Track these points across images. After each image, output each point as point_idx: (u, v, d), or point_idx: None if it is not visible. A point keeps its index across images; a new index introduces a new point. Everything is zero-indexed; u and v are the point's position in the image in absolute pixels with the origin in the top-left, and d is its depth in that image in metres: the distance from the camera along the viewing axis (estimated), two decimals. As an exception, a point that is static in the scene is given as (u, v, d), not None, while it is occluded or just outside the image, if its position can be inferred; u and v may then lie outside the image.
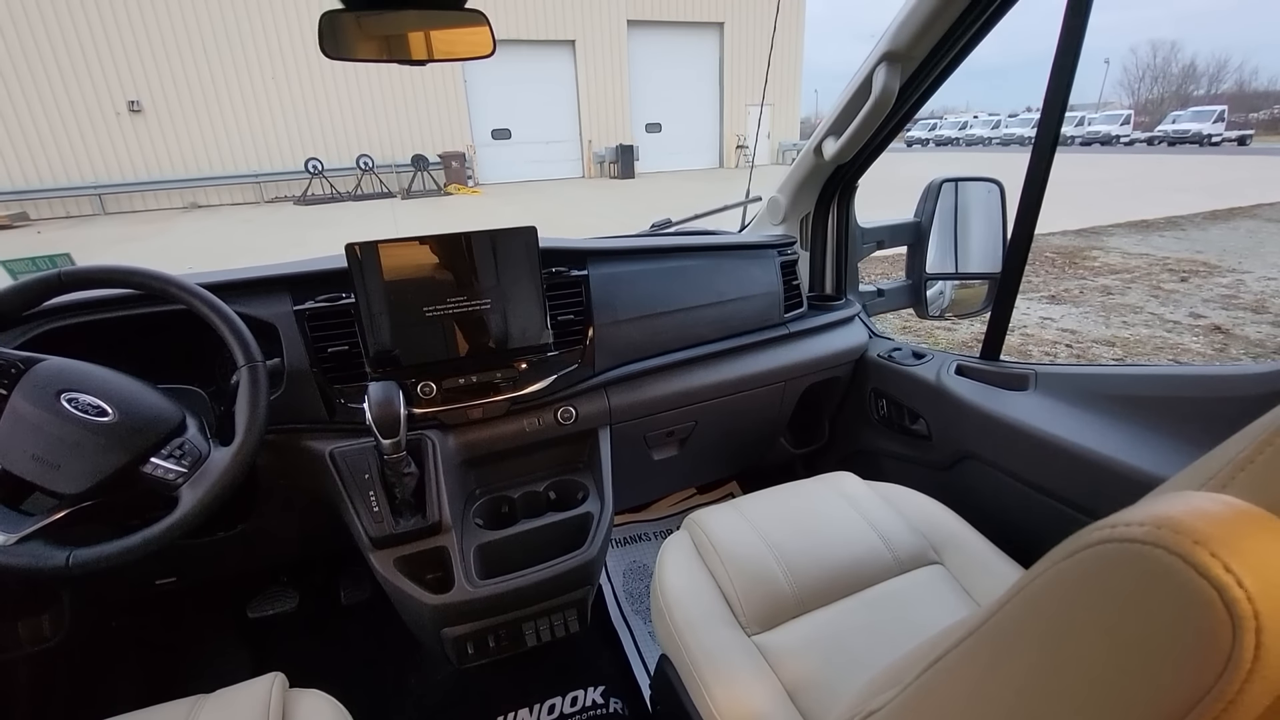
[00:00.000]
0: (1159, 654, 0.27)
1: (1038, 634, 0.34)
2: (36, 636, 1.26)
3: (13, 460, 0.80)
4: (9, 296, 0.87)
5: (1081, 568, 0.31)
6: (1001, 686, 0.36)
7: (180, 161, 14.43)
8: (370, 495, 1.06)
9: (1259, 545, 0.26)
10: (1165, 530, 0.27)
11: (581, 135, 18.22)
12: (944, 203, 1.75)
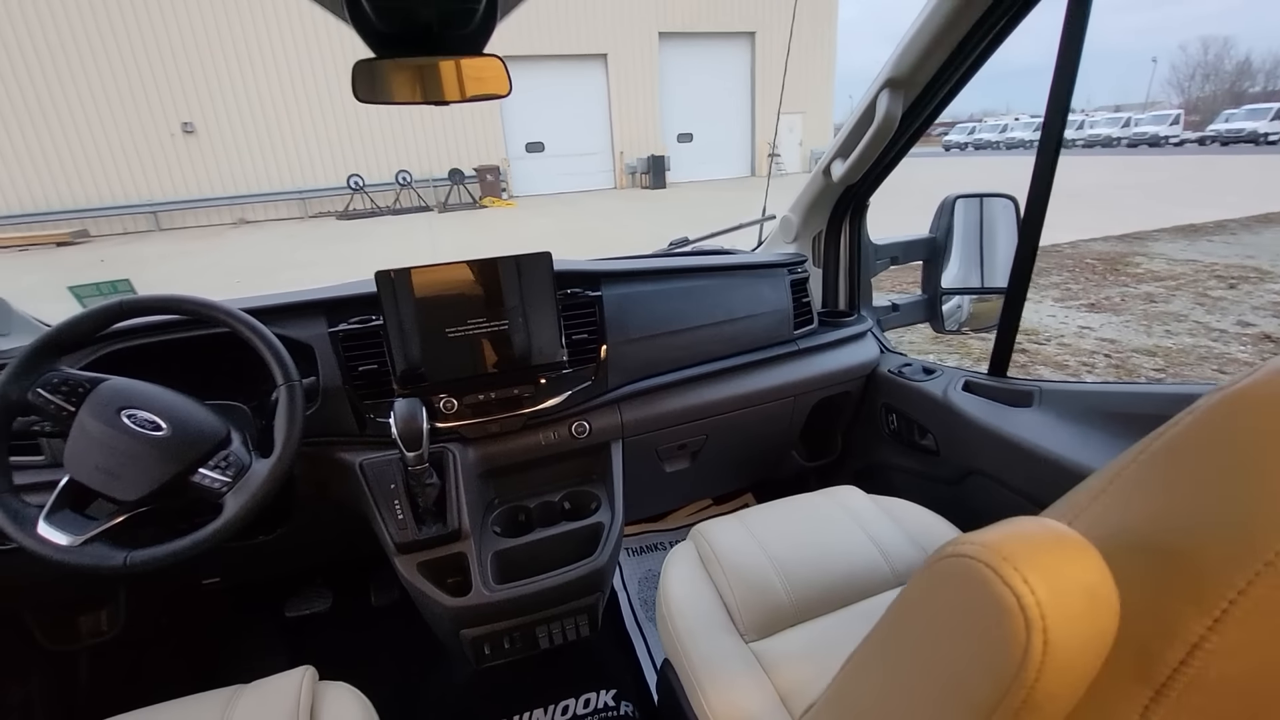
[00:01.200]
0: (979, 649, 0.32)
1: (909, 633, 0.39)
2: (95, 630, 1.37)
3: (80, 470, 0.90)
4: (79, 323, 0.98)
5: (934, 579, 0.36)
6: (887, 677, 0.42)
7: (229, 179, 15.11)
8: (395, 503, 1.14)
9: (1053, 561, 0.30)
10: (986, 548, 0.32)
11: (613, 147, 18.44)
12: (958, 218, 1.77)
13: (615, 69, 17.52)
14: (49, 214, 13.75)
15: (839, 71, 20.35)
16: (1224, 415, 0.34)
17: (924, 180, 9.55)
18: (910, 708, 0.39)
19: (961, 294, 1.82)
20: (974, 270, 1.75)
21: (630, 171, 18.44)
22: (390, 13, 0.98)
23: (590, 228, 11.22)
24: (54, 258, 11.51)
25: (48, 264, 10.62)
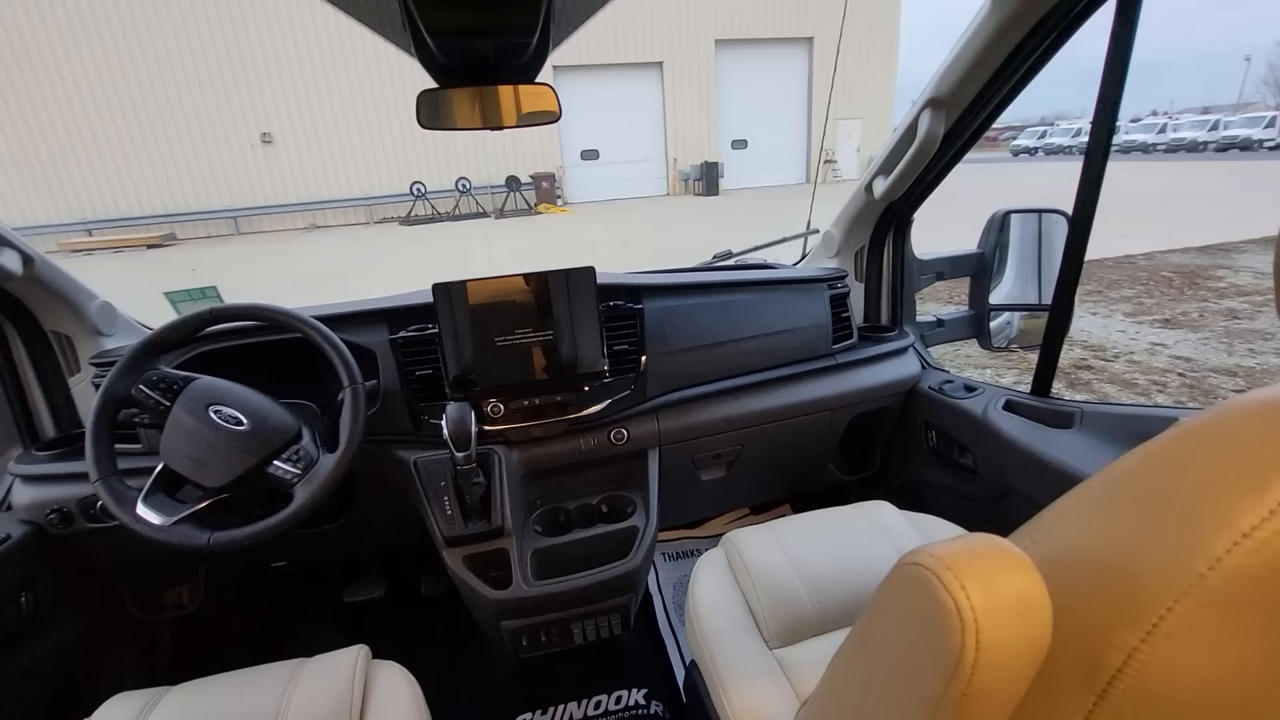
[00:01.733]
0: (927, 645, 0.36)
1: (878, 631, 0.44)
2: (178, 604, 1.52)
3: (173, 458, 1.01)
4: (175, 328, 1.10)
5: (896, 584, 0.40)
6: (862, 669, 0.46)
7: (303, 186, 15.97)
8: (445, 500, 1.22)
9: (990, 573, 0.34)
10: (936, 559, 0.36)
11: (667, 154, 18.55)
12: (1012, 234, 1.75)
13: (671, 77, 17.64)
14: (141, 218, 14.87)
15: (901, 75, 19.87)
16: (1171, 448, 0.37)
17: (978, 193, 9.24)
18: (879, 696, 0.43)
19: (1010, 310, 1.80)
20: (1026, 286, 1.72)
21: (684, 179, 18.50)
22: (452, 48, 1.06)
23: (641, 234, 11.33)
24: (145, 259, 12.44)
25: (140, 265, 11.48)
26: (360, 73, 15.36)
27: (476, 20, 1.00)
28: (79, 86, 14.04)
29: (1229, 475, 0.33)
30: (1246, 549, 0.30)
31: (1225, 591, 0.30)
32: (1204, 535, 0.31)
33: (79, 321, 1.32)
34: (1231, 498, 0.31)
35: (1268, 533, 0.30)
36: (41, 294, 1.25)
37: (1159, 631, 0.32)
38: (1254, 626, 0.32)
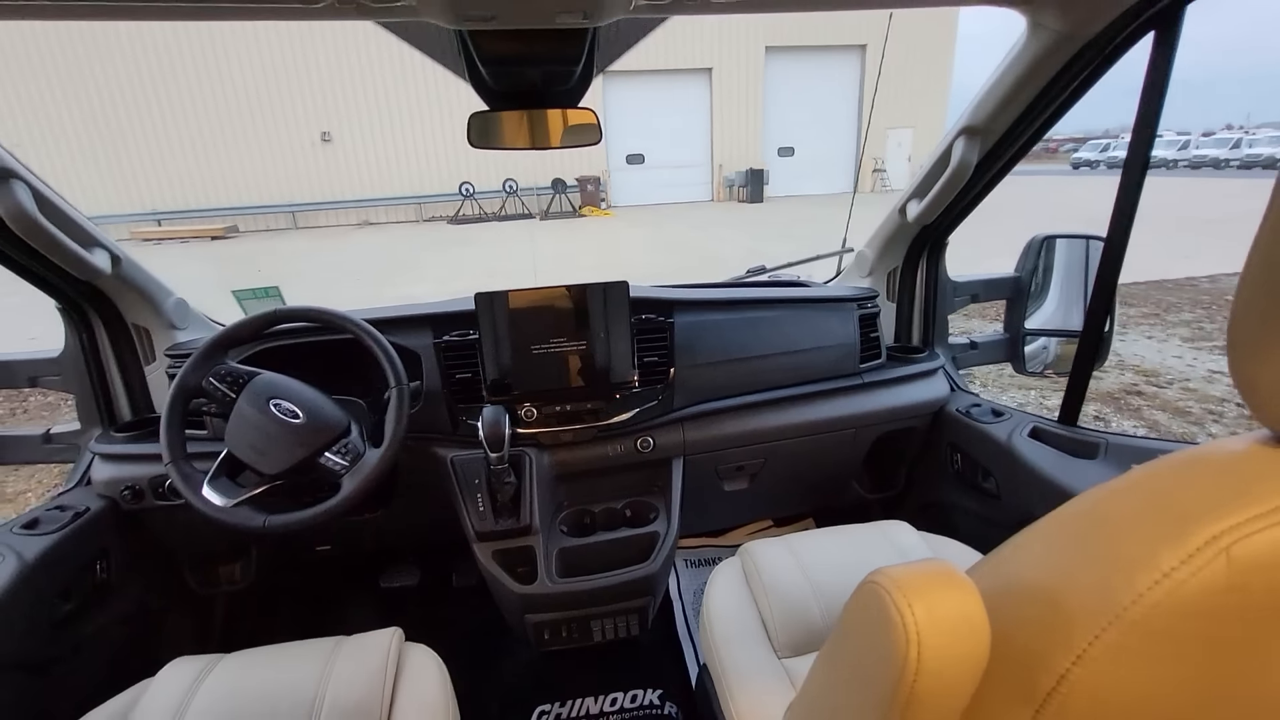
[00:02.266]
0: (879, 654, 0.40)
1: (844, 640, 0.49)
2: (231, 579, 1.63)
3: (236, 446, 1.11)
4: (242, 327, 1.20)
5: (858, 599, 0.44)
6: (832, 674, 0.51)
7: (357, 184, 16.55)
8: (478, 496, 1.30)
9: (935, 594, 0.38)
10: (889, 579, 0.40)
11: (712, 159, 18.55)
12: (1047, 259, 1.74)
13: (719, 82, 17.65)
14: (208, 210, 15.65)
15: (956, 85, 19.42)
16: (1114, 493, 0.41)
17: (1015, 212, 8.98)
18: (844, 698, 0.48)
19: (1046, 335, 1.78)
20: (1070, 312, 1.71)
21: (728, 185, 18.47)
22: (502, 75, 1.14)
23: (683, 240, 11.37)
24: (210, 250, 13.09)
25: (205, 256, 12.08)
26: (415, 77, 15.84)
27: (525, 51, 1.07)
28: (155, 89, 14.89)
29: (1156, 521, 0.36)
30: (1165, 588, 0.34)
31: (1146, 624, 0.34)
32: (1130, 573, 0.35)
33: (157, 315, 1.44)
34: (1156, 542, 0.35)
35: (1185, 574, 0.33)
36: (125, 290, 1.38)
37: (1087, 657, 0.35)
38: (1172, 657, 0.35)
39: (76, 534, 1.21)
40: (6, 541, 1.12)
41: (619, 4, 0.93)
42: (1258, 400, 0.39)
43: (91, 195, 14.60)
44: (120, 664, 1.31)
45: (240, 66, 15.15)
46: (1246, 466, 0.38)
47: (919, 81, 18.17)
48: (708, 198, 18.92)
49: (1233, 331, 0.40)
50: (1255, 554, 0.33)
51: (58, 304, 1.35)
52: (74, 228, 1.20)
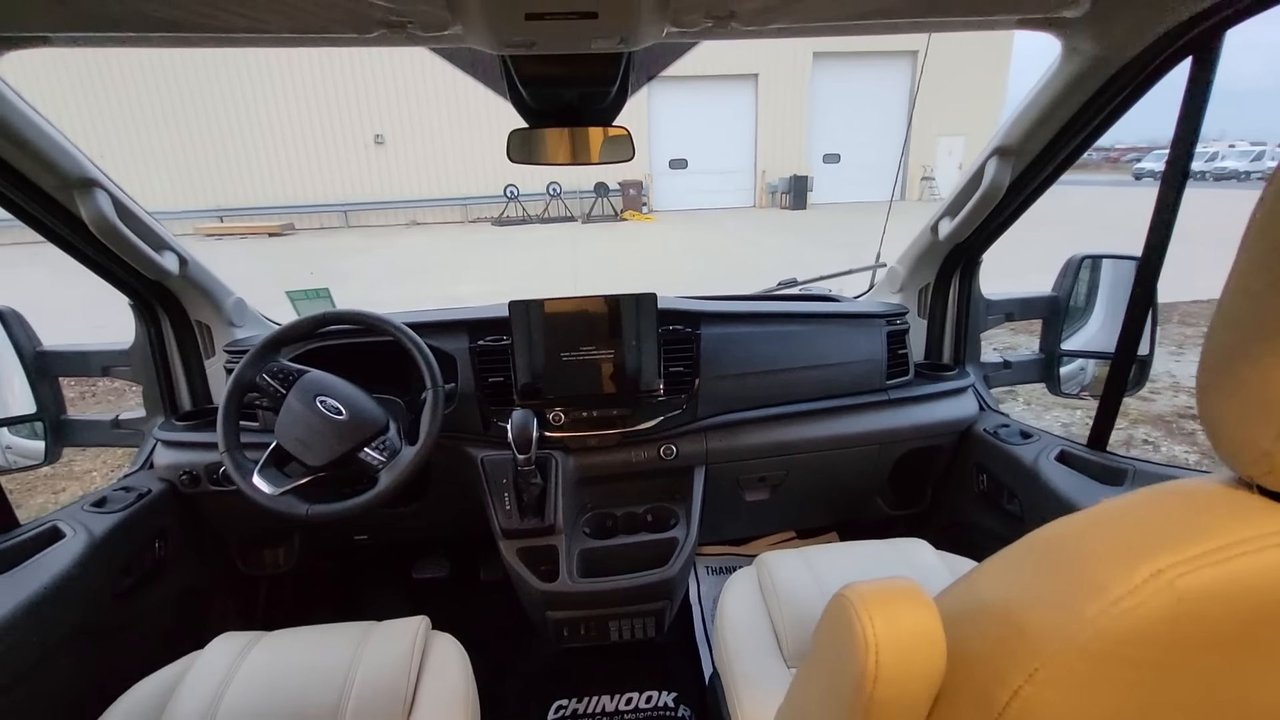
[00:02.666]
0: (844, 661, 0.43)
1: (819, 648, 0.52)
2: (274, 563, 1.73)
3: (284, 439, 1.19)
4: (294, 327, 1.29)
5: (830, 611, 0.47)
6: (808, 679, 0.55)
7: (406, 185, 17.06)
8: (505, 495, 1.35)
9: (894, 609, 0.41)
10: (855, 594, 0.43)
11: (755, 165, 18.45)
12: (1092, 278, 1.71)
13: (765, 89, 17.56)
14: (266, 208, 16.34)
15: (1012, 92, 18.87)
16: (1077, 523, 0.43)
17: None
18: (816, 702, 0.50)
19: (1082, 356, 1.75)
20: (1114, 334, 1.68)
21: (771, 191, 18.34)
22: (541, 95, 1.20)
23: (722, 245, 11.36)
24: (266, 246, 13.67)
25: (261, 252, 12.62)
26: (464, 83, 16.20)
27: (563, 73, 1.12)
28: (220, 94, 15.64)
29: (1110, 552, 0.38)
30: (1112, 615, 0.36)
31: (1093, 649, 0.36)
32: (1082, 601, 0.37)
33: (217, 313, 1.55)
34: (1107, 571, 0.37)
35: (1131, 604, 0.36)
36: (190, 289, 1.49)
37: (1039, 676, 0.38)
38: (1120, 679, 0.37)
39: (139, 514, 1.31)
40: (78, 518, 1.23)
41: (652, 31, 0.97)
42: (1220, 442, 0.40)
43: (160, 193, 15.41)
44: (172, 635, 1.41)
45: (300, 73, 15.80)
46: (1204, 504, 0.39)
47: (973, 88, 17.71)
48: (750, 204, 18.82)
49: (1200, 373, 0.42)
50: (1198, 588, 0.35)
51: (129, 300, 1.47)
52: (147, 232, 1.31)
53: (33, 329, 1.48)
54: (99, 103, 14.85)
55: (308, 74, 15.84)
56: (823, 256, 9.33)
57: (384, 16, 0.87)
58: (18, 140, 1.05)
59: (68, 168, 1.13)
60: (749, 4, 0.90)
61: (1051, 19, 1.01)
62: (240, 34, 0.90)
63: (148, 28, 0.86)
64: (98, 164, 1.20)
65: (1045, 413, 4.11)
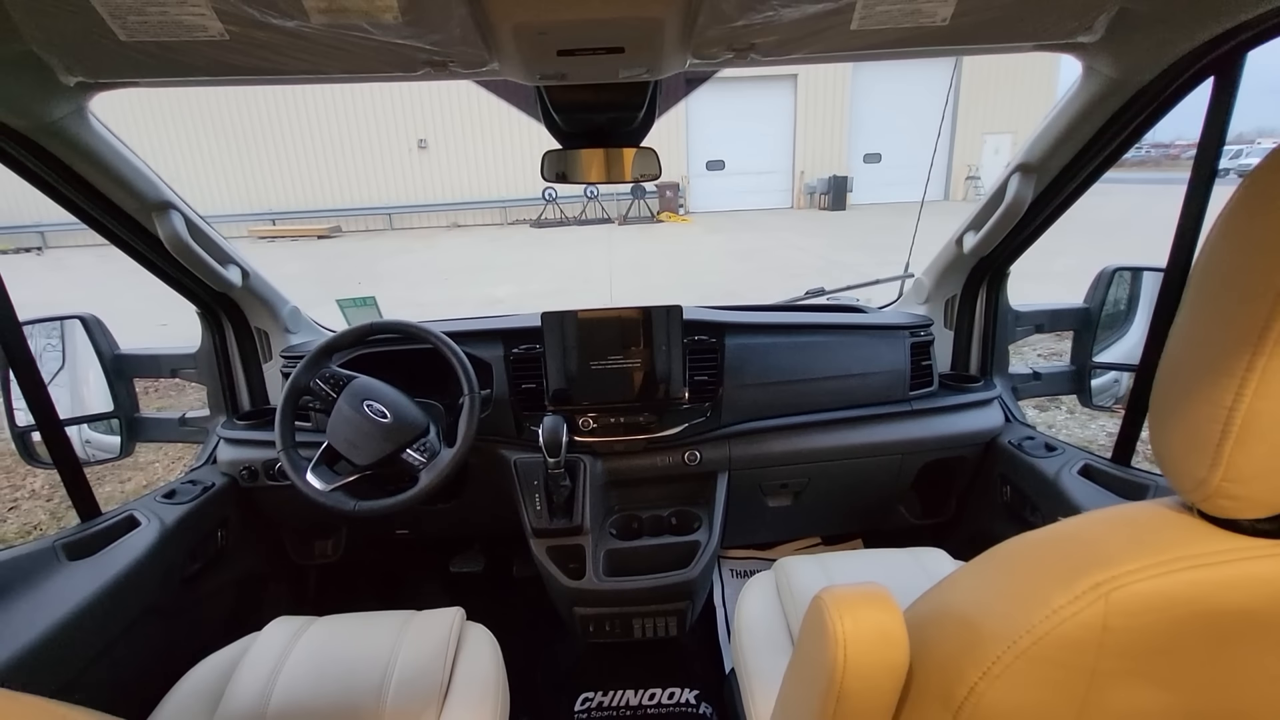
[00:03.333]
0: (818, 655, 0.48)
1: (802, 644, 0.56)
2: (323, 553, 1.85)
3: (335, 439, 1.29)
4: (345, 336, 1.39)
5: (810, 611, 0.52)
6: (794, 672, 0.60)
7: (447, 188, 17.49)
8: (536, 496, 1.43)
9: (861, 609, 0.46)
10: (829, 595, 0.48)
11: (794, 166, 18.28)
12: (1118, 291, 1.70)
13: (804, 89, 17.39)
14: (315, 211, 16.97)
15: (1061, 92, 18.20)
16: (1033, 539, 0.47)
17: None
18: (797, 694, 0.56)
19: (1113, 369, 1.74)
20: (1124, 345, 1.67)
21: (809, 192, 18.14)
22: (573, 120, 1.27)
23: (759, 248, 11.31)
24: (315, 248, 14.18)
25: (311, 254, 13.10)
26: (507, 84, 16.54)
27: (594, 100, 1.19)
28: (273, 103, 16.30)
29: (1057, 566, 0.43)
30: (1053, 622, 0.40)
31: (1035, 652, 0.41)
32: (1028, 608, 0.42)
33: (275, 321, 1.67)
34: (1051, 583, 0.42)
35: (1069, 613, 0.40)
36: (251, 299, 1.61)
37: (990, 674, 0.42)
38: (1056, 681, 0.41)
39: (204, 505, 1.43)
40: (151, 508, 1.35)
41: (675, 62, 1.03)
42: (1167, 469, 0.44)
43: (216, 197, 16.15)
44: (230, 618, 1.53)
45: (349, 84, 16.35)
46: (1148, 525, 0.43)
47: (1022, 87, 17.20)
48: (787, 205, 18.66)
49: (1151, 407, 0.45)
50: (1129, 600, 0.39)
51: (197, 309, 1.60)
52: (214, 248, 1.43)
53: (111, 334, 1.62)
54: (160, 116, 15.64)
55: (356, 84, 16.39)
56: (863, 259, 9.22)
57: (429, 57, 0.95)
58: (105, 168, 1.17)
59: (147, 192, 1.25)
60: (767, 37, 0.95)
61: (1069, 44, 1.03)
62: (301, 75, 0.99)
63: (222, 72, 0.96)
64: (172, 187, 1.33)
65: (1091, 421, 4.01)
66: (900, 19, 0.91)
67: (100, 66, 0.94)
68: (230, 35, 0.86)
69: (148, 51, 0.90)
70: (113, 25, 0.83)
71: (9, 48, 0.88)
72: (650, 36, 0.93)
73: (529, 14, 0.85)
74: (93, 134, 1.12)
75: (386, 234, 16.78)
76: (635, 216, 16.73)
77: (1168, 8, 0.93)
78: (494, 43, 0.92)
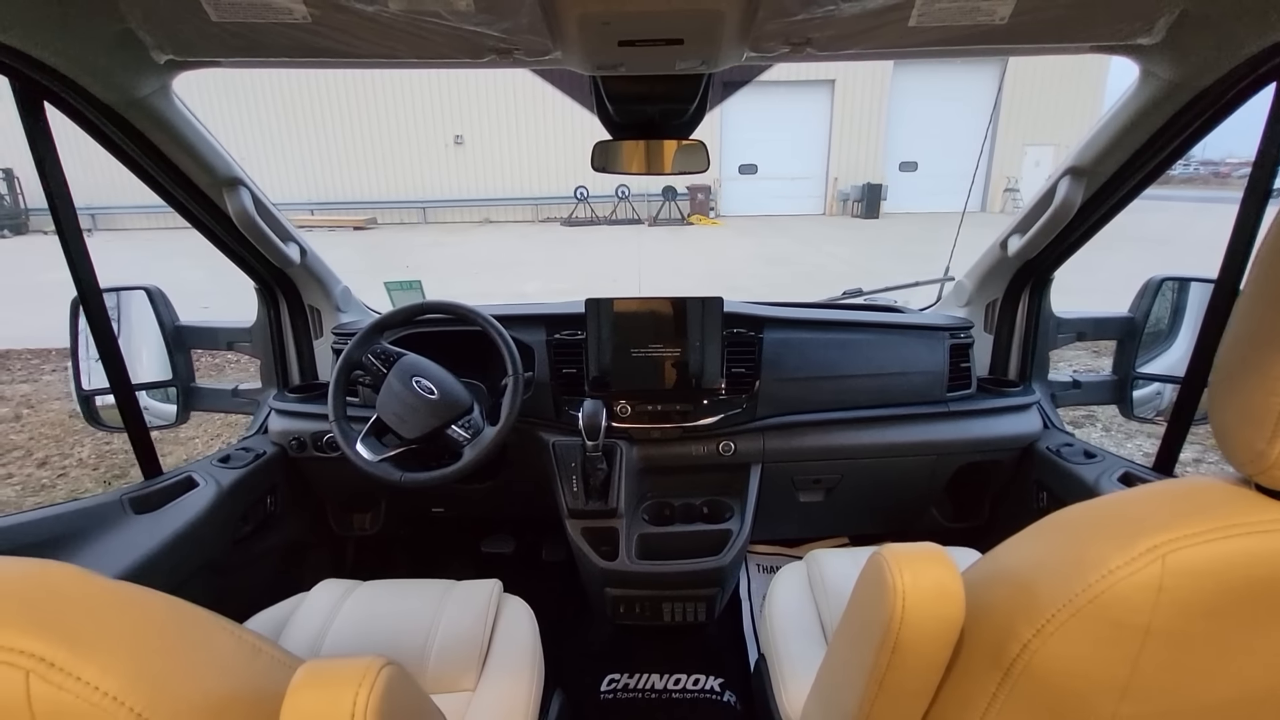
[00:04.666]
0: (876, 609, 0.50)
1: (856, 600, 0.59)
2: (362, 526, 1.91)
3: (384, 413, 1.34)
4: (396, 314, 1.44)
5: (867, 570, 0.54)
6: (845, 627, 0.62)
7: (482, 184, 17.74)
8: (573, 478, 1.46)
9: (920, 566, 0.48)
10: (890, 553, 0.50)
11: (827, 172, 18.14)
12: (1164, 301, 1.68)
13: (842, 95, 17.26)
14: (352, 203, 17.35)
15: (1107, 105, 17.76)
16: (1091, 507, 0.49)
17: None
18: (850, 648, 0.58)
19: (1158, 380, 1.71)
20: (1169, 356, 1.65)
21: (842, 199, 17.98)
22: (626, 111, 1.30)
23: (790, 254, 11.25)
24: (352, 239, 14.49)
25: (348, 244, 13.38)
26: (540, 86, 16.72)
27: (648, 91, 1.23)
28: (314, 96, 16.70)
29: (1115, 531, 0.44)
30: (1109, 582, 0.42)
31: (1091, 610, 0.42)
32: (1084, 569, 0.43)
33: (327, 299, 1.73)
34: (1109, 546, 0.43)
35: (1126, 573, 0.42)
36: (307, 277, 1.67)
37: (1045, 631, 0.44)
38: (1111, 639, 0.43)
39: (256, 471, 1.50)
40: (208, 471, 1.42)
41: (732, 55, 1.06)
42: (1224, 443, 0.45)
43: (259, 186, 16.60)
44: (276, 580, 1.59)
45: (390, 76, 16.69)
46: (1204, 497, 0.45)
47: (1065, 98, 16.84)
48: (819, 211, 18.51)
49: (1212, 381, 0.47)
50: (1185, 562, 0.41)
51: (255, 285, 1.67)
52: (277, 225, 1.49)
53: (173, 306, 1.70)
54: (205, 105, 16.14)
55: (397, 77, 16.71)
56: (896, 268, 9.12)
57: (495, 44, 0.99)
58: (183, 143, 1.23)
59: (219, 168, 1.32)
60: (825, 32, 0.96)
61: (1128, 45, 1.03)
62: (375, 59, 1.04)
63: (300, 54, 1.01)
64: (241, 165, 1.39)
65: (1128, 440, 3.93)
66: (959, 16, 0.92)
67: (190, 45, 1.00)
68: (312, 18, 0.91)
69: (234, 32, 0.95)
70: (206, 6, 0.89)
71: (109, 25, 0.94)
72: (710, 29, 0.95)
73: (596, 4, 0.88)
74: (174, 111, 1.18)
75: (420, 227, 17.08)
76: (666, 218, 16.77)
77: (1231, 11, 0.93)
78: (559, 31, 0.95)
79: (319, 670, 0.43)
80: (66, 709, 0.34)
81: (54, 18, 0.91)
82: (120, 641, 0.38)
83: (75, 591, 0.40)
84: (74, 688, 0.34)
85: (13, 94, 1.03)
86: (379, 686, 0.42)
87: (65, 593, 0.39)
